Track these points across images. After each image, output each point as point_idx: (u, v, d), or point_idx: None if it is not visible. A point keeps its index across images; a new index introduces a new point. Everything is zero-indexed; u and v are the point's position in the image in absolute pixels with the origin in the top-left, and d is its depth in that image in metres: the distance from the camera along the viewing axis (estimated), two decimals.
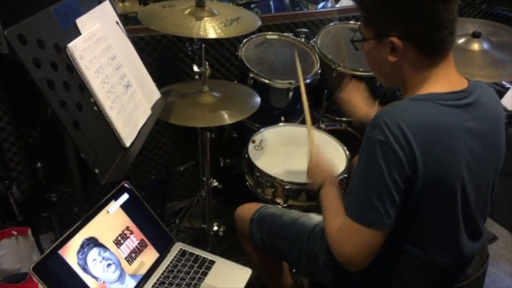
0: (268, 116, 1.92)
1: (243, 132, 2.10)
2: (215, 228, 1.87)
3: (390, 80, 1.10)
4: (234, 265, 1.25)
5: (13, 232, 1.77)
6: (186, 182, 2.44)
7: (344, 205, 1.05)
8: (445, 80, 1.02)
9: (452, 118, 0.98)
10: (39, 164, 1.86)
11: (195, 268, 1.22)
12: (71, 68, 1.08)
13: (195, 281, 1.18)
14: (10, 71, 1.72)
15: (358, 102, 1.48)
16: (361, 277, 1.12)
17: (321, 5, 3.01)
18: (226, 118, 1.50)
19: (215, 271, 1.22)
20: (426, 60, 1.00)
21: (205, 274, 1.21)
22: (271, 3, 2.58)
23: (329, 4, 2.99)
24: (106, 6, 1.31)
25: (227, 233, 1.91)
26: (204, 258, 1.25)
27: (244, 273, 1.22)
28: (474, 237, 1.12)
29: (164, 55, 2.07)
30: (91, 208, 1.91)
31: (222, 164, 2.15)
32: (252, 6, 2.42)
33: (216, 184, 1.80)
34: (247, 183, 1.73)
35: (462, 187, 1.01)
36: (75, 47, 1.09)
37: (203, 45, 1.52)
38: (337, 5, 2.90)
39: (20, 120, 1.92)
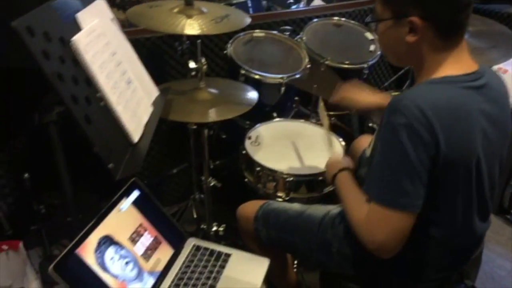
0: (259, 113, 1.92)
1: (232, 133, 2.10)
2: (215, 228, 1.84)
3: (403, 60, 1.11)
4: (251, 256, 1.24)
5: (3, 246, 1.69)
6: (175, 187, 2.39)
7: (367, 192, 1.05)
8: (459, 63, 1.03)
9: (468, 100, 1.00)
10: (26, 175, 1.78)
11: (212, 261, 1.20)
12: (77, 62, 1.05)
13: (214, 274, 1.16)
14: None
15: (355, 95, 1.50)
16: (376, 261, 1.13)
17: (293, 7, 3.06)
18: (228, 112, 1.49)
19: (233, 263, 1.20)
20: (442, 42, 1.01)
21: (222, 266, 1.18)
22: (249, 4, 2.60)
23: (301, 5, 3.04)
24: (101, 3, 1.29)
25: (227, 232, 1.89)
26: (219, 251, 1.23)
27: (262, 263, 1.21)
28: (483, 217, 1.14)
29: (149, 58, 2.05)
30: (85, 216, 1.85)
31: (212, 166, 2.13)
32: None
33: (214, 183, 1.78)
34: (246, 180, 1.72)
35: (477, 167, 1.03)
36: (80, 41, 1.06)
37: (199, 41, 1.51)
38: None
39: (3, 130, 1.84)
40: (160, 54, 2.08)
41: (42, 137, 1.71)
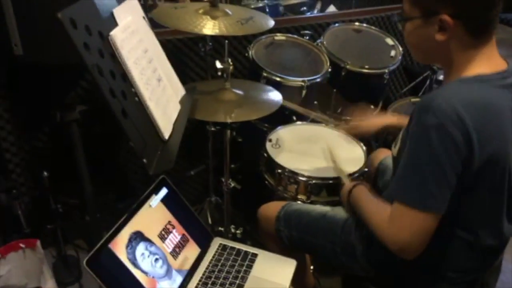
0: (279, 116, 1.91)
1: (249, 137, 2.09)
2: (232, 230, 1.83)
3: (431, 58, 1.11)
4: (277, 257, 1.23)
5: (21, 245, 1.67)
6: (189, 189, 2.38)
7: (392, 191, 1.04)
8: (489, 61, 1.02)
9: (500, 99, 0.99)
10: (45, 173, 1.77)
11: (238, 261, 1.19)
12: (114, 56, 1.05)
13: (241, 274, 1.15)
14: (21, 75, 1.66)
15: (365, 122, 1.54)
16: (402, 262, 1.11)
17: (308, 14, 3.08)
18: (254, 112, 1.48)
19: (260, 264, 1.19)
20: (472, 40, 1.00)
21: (250, 267, 1.17)
22: (267, 10, 2.62)
23: (315, 12, 3.07)
24: (133, 1, 1.30)
25: (243, 235, 1.88)
26: (246, 251, 1.22)
27: (289, 264, 1.20)
28: (511, 219, 1.13)
29: (169, 60, 2.05)
30: (103, 216, 1.84)
31: None
32: None
33: (234, 184, 1.77)
34: (266, 182, 1.71)
35: (510, 167, 1.02)
36: (116, 36, 1.06)
37: (226, 41, 1.51)
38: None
39: (23, 128, 1.83)
40: (180, 56, 2.08)
41: (62, 136, 1.71)
